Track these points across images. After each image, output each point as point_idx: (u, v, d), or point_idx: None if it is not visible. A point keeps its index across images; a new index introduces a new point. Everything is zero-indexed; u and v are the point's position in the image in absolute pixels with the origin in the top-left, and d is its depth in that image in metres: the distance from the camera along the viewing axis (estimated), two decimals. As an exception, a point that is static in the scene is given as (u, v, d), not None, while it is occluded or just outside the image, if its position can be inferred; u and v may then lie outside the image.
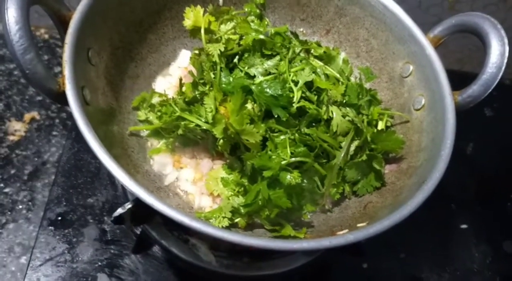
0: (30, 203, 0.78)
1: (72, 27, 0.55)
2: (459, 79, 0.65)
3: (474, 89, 0.62)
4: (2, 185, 0.79)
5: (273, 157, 0.58)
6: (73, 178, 0.79)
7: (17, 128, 0.86)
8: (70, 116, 0.88)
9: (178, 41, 0.76)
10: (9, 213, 0.76)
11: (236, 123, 0.57)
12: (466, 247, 0.84)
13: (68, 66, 0.52)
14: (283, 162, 0.57)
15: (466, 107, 0.63)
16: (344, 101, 0.65)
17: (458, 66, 1.05)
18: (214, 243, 0.67)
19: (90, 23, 0.58)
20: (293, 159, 0.58)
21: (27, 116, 0.88)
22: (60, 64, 0.94)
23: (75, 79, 0.52)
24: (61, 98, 0.51)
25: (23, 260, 0.72)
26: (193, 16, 0.66)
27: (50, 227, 0.74)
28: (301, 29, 0.80)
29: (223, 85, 0.62)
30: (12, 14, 0.47)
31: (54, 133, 0.86)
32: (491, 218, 0.88)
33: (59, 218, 0.75)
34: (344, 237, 0.49)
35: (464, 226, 0.86)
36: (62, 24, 0.57)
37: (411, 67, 0.69)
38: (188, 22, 0.66)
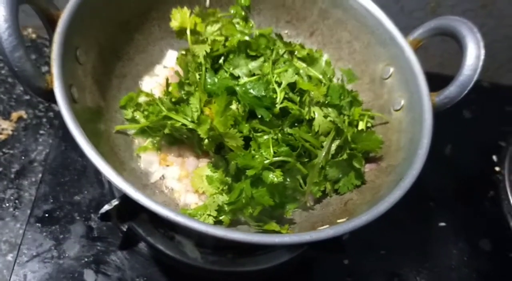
0: (17, 201, 0.78)
1: (60, 27, 0.56)
2: (439, 81, 0.67)
3: (450, 90, 0.65)
4: (-11, 183, 0.79)
5: (256, 156, 0.60)
6: (60, 176, 0.80)
7: (4, 127, 0.86)
8: (57, 115, 0.88)
9: (165, 42, 0.77)
10: (-5, 211, 0.77)
11: (220, 124, 0.59)
12: (444, 245, 0.86)
13: (56, 64, 0.53)
14: (266, 162, 0.59)
15: (444, 107, 0.66)
16: (326, 101, 0.67)
17: (438, 69, 1.07)
18: (199, 240, 0.69)
19: (78, 22, 0.59)
20: (275, 158, 0.60)
21: (14, 115, 0.88)
22: (47, 64, 0.94)
23: (63, 78, 0.53)
24: (49, 96, 0.52)
25: (10, 257, 0.73)
26: (179, 17, 0.67)
27: (37, 224, 0.75)
28: (286, 31, 0.82)
29: (208, 86, 0.63)
30: (1, 13, 0.48)
31: (41, 132, 0.87)
32: (469, 217, 0.90)
33: (46, 215, 0.76)
34: (324, 232, 0.51)
35: (442, 224, 0.89)
36: (50, 23, 0.58)
37: (391, 69, 0.71)
38: (174, 23, 0.67)
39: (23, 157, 0.83)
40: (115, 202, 0.58)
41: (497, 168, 0.98)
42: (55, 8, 0.58)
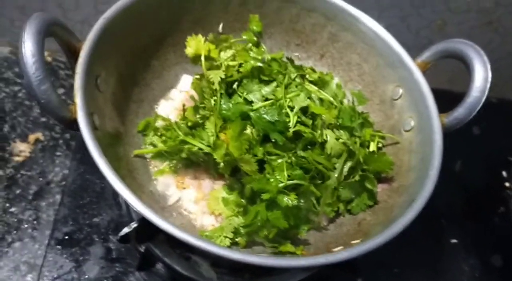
0: (35, 222, 0.80)
1: (83, 57, 0.58)
2: (449, 98, 0.68)
3: (459, 112, 0.66)
4: (8, 204, 0.81)
5: (271, 180, 0.61)
6: (79, 198, 0.82)
7: (21, 149, 0.88)
8: (74, 136, 0.90)
9: (180, 67, 0.80)
10: (15, 232, 0.78)
11: (235, 149, 0.60)
12: (456, 261, 0.87)
13: (79, 94, 0.55)
14: (280, 185, 0.61)
15: (453, 128, 0.67)
16: (338, 124, 0.69)
17: (448, 86, 1.09)
18: (215, 261, 0.70)
19: (99, 52, 0.61)
20: (290, 182, 0.61)
21: (32, 137, 0.90)
22: (63, 86, 0.97)
23: (86, 107, 0.55)
24: (73, 124, 0.54)
25: (29, 278, 0.74)
26: (194, 44, 0.70)
27: (58, 246, 0.76)
28: (296, 54, 0.84)
29: (223, 111, 0.65)
30: (29, 48, 0.51)
31: (58, 153, 0.88)
32: (480, 233, 0.91)
33: (66, 237, 0.78)
34: (339, 254, 0.52)
35: (454, 240, 0.89)
36: (72, 54, 0.60)
37: (401, 90, 0.73)
38: (190, 50, 0.70)
39: (40, 179, 0.85)
40: (134, 225, 0.60)
41: (507, 184, 0.99)
42: (76, 39, 0.60)
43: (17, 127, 0.91)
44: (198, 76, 0.72)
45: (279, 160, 0.63)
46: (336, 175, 0.66)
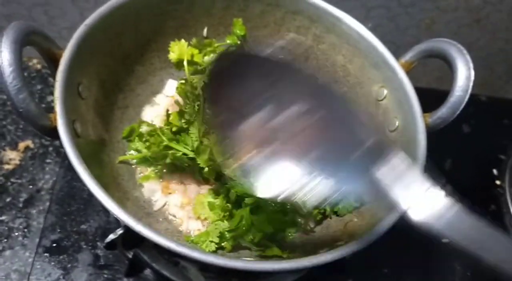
0: (26, 230, 0.80)
1: (63, 65, 0.58)
2: (438, 97, 0.68)
3: (443, 111, 0.66)
4: (-2, 213, 0.81)
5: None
6: (67, 206, 0.82)
7: (11, 157, 0.88)
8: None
9: (164, 72, 0.80)
10: (5, 240, 0.78)
11: (218, 154, 0.60)
12: (448, 261, 0.87)
13: (59, 102, 0.55)
14: None
15: (437, 128, 0.67)
16: None
17: (437, 84, 1.09)
18: (203, 265, 0.70)
19: (80, 59, 0.61)
20: None
21: (21, 145, 0.90)
22: (52, 93, 0.97)
23: (66, 114, 0.55)
24: (53, 133, 0.54)
25: (20, 286, 0.74)
26: (177, 50, 0.70)
27: (46, 254, 0.76)
28: (281, 56, 0.83)
29: (207, 116, 0.65)
30: (6, 57, 0.51)
31: (48, 160, 0.89)
32: (470, 232, 0.91)
33: (54, 244, 0.78)
34: (322, 257, 0.52)
35: (445, 239, 0.89)
36: (52, 61, 0.60)
37: (385, 91, 0.73)
38: (173, 55, 0.70)
39: (30, 186, 0.85)
40: (119, 231, 0.60)
41: (497, 182, 0.99)
42: (57, 47, 0.60)
43: (7, 135, 0.91)
44: (183, 81, 0.72)
45: None
46: None
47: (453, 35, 0.69)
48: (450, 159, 0.99)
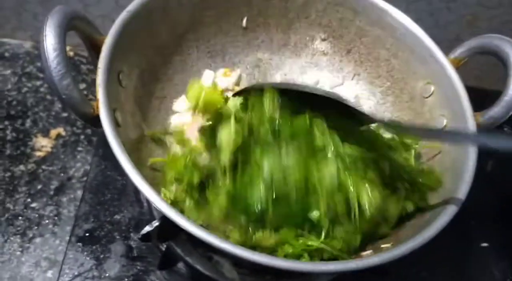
0: (56, 218, 0.79)
1: (105, 52, 0.57)
2: (478, 96, 0.66)
3: (495, 111, 0.63)
4: (29, 200, 0.81)
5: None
6: (100, 195, 0.81)
7: (43, 144, 0.88)
8: (95, 132, 0.90)
9: (202, 62, 0.78)
10: (36, 227, 0.78)
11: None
12: (486, 266, 0.84)
13: (101, 90, 0.53)
14: None
15: (488, 128, 0.64)
16: None
17: (476, 83, 1.05)
18: (237, 261, 0.69)
19: (121, 47, 0.59)
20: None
21: (53, 132, 0.90)
22: (84, 81, 0.97)
23: (108, 103, 0.53)
24: (95, 121, 0.53)
25: (49, 274, 0.74)
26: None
27: (79, 243, 0.76)
28: (322, 49, 0.81)
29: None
30: (50, 42, 0.50)
31: (79, 149, 0.88)
32: (511, 236, 0.88)
33: (87, 234, 0.77)
34: (369, 260, 0.50)
35: (484, 244, 0.86)
36: (93, 48, 0.59)
37: (432, 87, 0.70)
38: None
39: (61, 174, 0.85)
40: (155, 223, 0.59)
41: (541, 186, 0.95)
42: (99, 33, 0.59)
43: (39, 122, 0.91)
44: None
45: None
46: None
47: (496, 32, 0.66)
48: (492, 160, 0.96)
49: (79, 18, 0.55)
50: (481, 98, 0.65)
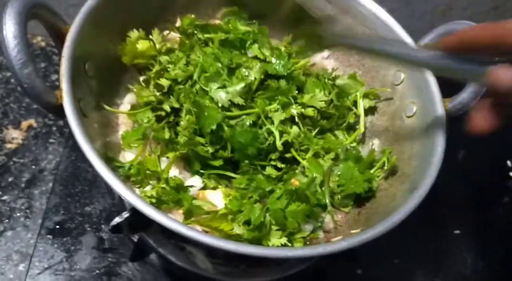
0: (28, 210, 0.78)
1: (69, 41, 0.55)
2: (446, 83, 0.65)
3: (463, 97, 0.64)
4: (0, 193, 0.79)
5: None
6: (71, 187, 0.80)
7: (14, 136, 0.86)
8: (67, 123, 0.88)
9: (172, 51, 0.77)
10: (7, 220, 0.77)
11: None
12: (459, 253, 0.85)
13: (65, 79, 0.52)
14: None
15: (457, 113, 0.64)
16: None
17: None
18: (210, 251, 0.68)
19: (87, 35, 0.58)
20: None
21: (24, 124, 0.88)
22: (56, 72, 0.95)
23: (73, 92, 0.52)
24: (59, 111, 0.52)
25: (21, 267, 0.73)
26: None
27: (48, 236, 0.75)
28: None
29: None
30: (10, 29, 0.48)
31: (51, 140, 0.87)
32: (483, 224, 0.89)
33: (57, 226, 0.76)
34: (337, 244, 0.50)
35: (457, 231, 0.87)
36: (58, 37, 0.58)
37: (403, 75, 0.70)
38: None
39: (33, 166, 0.83)
40: (125, 215, 0.58)
41: (511, 174, 0.96)
42: (63, 22, 0.58)
43: (10, 113, 0.89)
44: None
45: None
46: None
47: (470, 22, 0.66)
48: (463, 150, 0.97)
49: (41, 6, 0.53)
50: (449, 85, 0.65)
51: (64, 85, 0.52)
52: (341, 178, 0.66)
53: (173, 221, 0.48)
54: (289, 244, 0.59)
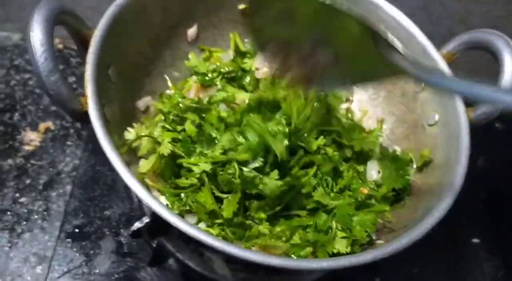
0: (45, 213, 0.79)
1: (93, 46, 0.55)
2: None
3: (488, 106, 0.63)
4: (17, 195, 0.80)
5: None
6: (90, 190, 0.80)
7: (32, 138, 0.87)
8: (85, 126, 0.88)
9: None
10: (24, 223, 0.77)
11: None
12: (478, 262, 0.85)
13: (90, 85, 0.52)
14: None
15: (480, 123, 0.64)
16: None
17: (469, 77, 1.06)
18: (229, 257, 0.68)
19: (110, 41, 0.58)
20: None
21: (42, 126, 0.89)
22: (74, 74, 0.96)
23: (97, 98, 0.52)
24: (84, 117, 0.52)
25: (39, 270, 0.73)
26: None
27: (68, 239, 0.75)
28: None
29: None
30: (37, 37, 0.48)
31: (69, 143, 0.87)
32: (503, 232, 0.88)
33: (77, 230, 0.76)
34: (362, 256, 0.50)
35: (475, 240, 0.87)
36: (82, 43, 0.58)
37: (423, 83, 0.70)
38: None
39: (51, 169, 0.84)
40: (146, 220, 0.58)
41: (530, 181, 0.96)
42: (87, 28, 0.58)
43: (28, 115, 0.89)
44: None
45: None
46: None
47: (489, 27, 0.65)
48: (483, 156, 0.96)
49: (67, 12, 0.53)
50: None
51: (89, 91, 0.52)
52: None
53: (193, 227, 0.48)
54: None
